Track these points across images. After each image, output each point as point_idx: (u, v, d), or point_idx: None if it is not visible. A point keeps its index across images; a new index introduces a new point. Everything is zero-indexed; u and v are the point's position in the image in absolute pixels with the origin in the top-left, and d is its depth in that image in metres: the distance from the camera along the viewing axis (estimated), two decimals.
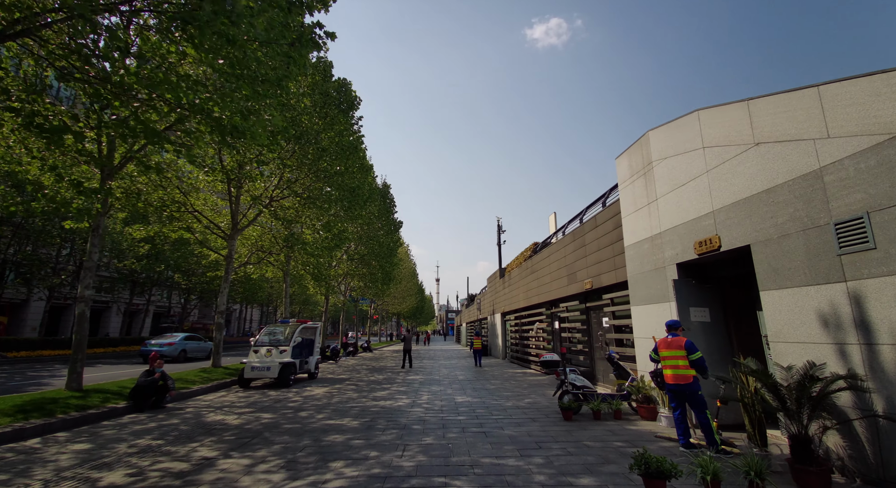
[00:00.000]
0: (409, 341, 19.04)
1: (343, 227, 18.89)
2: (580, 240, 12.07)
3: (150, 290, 32.69)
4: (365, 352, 31.42)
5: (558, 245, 13.97)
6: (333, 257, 25.41)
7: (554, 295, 14.20)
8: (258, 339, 12.96)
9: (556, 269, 14.04)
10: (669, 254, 7.33)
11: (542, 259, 15.86)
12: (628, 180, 8.80)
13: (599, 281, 10.69)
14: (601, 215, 10.78)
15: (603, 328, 11.17)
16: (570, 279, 12.78)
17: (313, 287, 24.85)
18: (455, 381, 13.56)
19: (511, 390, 11.31)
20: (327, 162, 15.19)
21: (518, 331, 19.90)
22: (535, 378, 14.25)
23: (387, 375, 15.44)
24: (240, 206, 15.96)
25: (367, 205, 22.43)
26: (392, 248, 29.17)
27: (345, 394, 10.70)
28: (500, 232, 27.03)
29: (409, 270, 47.22)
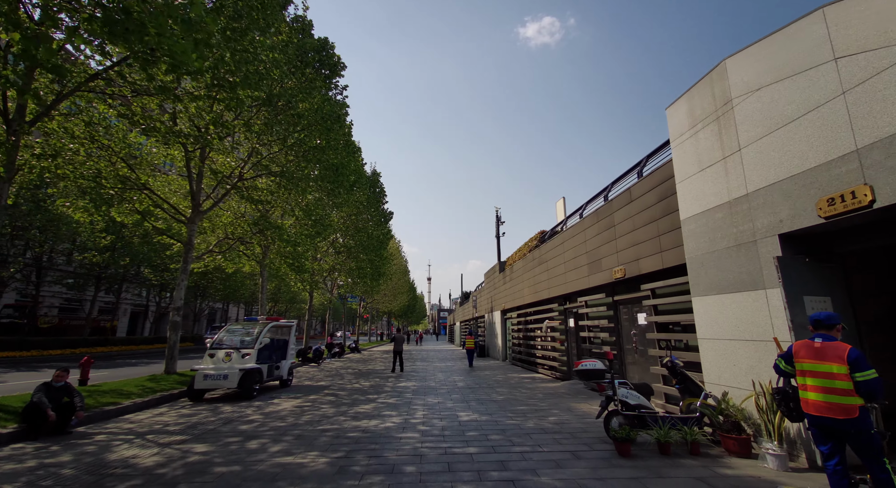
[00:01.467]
0: (399, 342, 16.82)
1: (326, 212, 16.55)
2: (606, 220, 9.94)
3: (121, 287, 29.95)
4: (353, 352, 29.09)
5: (575, 229, 11.84)
6: (317, 248, 23.07)
7: (570, 287, 12.07)
8: (216, 340, 10.59)
9: (573, 258, 11.91)
10: (766, 222, 5.20)
11: (552, 247, 13.72)
12: (688, 132, 6.67)
13: (636, 268, 8.56)
14: (638, 187, 8.65)
15: (638, 326, 9.04)
16: (591, 268, 10.65)
17: (295, 281, 22.45)
18: (454, 389, 11.35)
19: (525, 402, 9.14)
20: (304, 132, 12.87)
21: (522, 330, 17.76)
22: (546, 384, 12.10)
23: (374, 381, 13.18)
24: (202, 184, 13.57)
25: (353, 191, 20.16)
26: (382, 241, 26.87)
27: (318, 410, 8.42)
28: (498, 223, 24.89)
29: (400, 267, 44.89)
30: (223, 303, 47.56)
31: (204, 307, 48.99)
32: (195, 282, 31.98)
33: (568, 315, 12.94)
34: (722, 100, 6.01)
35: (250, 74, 9.36)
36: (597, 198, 11.26)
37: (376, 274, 27.25)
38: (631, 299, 9.25)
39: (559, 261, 13.05)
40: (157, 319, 40.43)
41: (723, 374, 5.78)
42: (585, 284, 11.02)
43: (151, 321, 39.44)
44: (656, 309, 8.21)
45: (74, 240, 23.51)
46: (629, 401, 5.69)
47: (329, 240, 23.69)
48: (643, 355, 8.86)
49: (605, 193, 10.65)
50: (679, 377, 5.90)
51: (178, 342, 12.27)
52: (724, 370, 5.75)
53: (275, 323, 11.68)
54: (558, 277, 13.04)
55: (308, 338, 23.60)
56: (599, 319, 10.61)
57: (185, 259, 12.68)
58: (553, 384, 12.15)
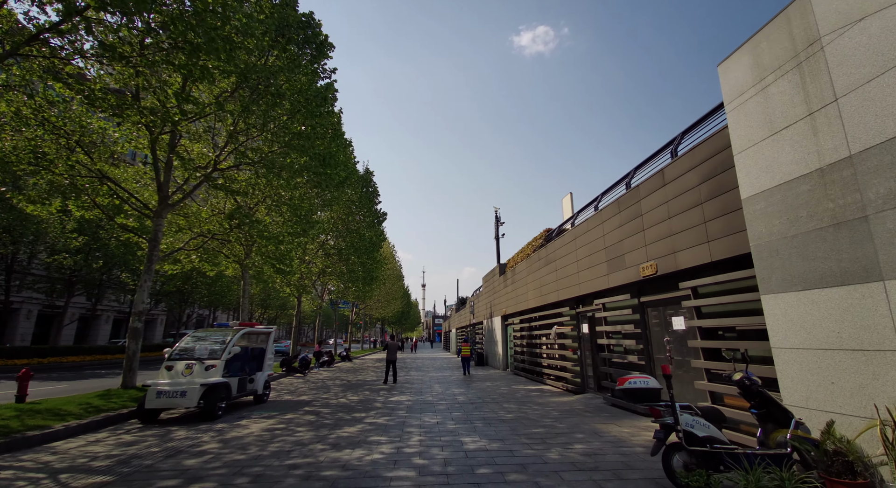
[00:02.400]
0: (393, 350, 15.30)
1: (312, 208, 15.08)
2: (631, 209, 8.58)
3: (98, 292, 28.11)
4: (344, 361, 27.42)
5: (590, 223, 10.47)
6: (305, 249, 21.56)
7: (584, 288, 10.67)
8: (175, 350, 9.02)
9: (587, 255, 10.53)
10: (884, 189, 3.85)
11: (561, 245, 12.35)
12: (752, 89, 5.33)
13: (671, 263, 7.19)
14: (673, 168, 7.30)
15: (673, 332, 7.65)
16: (611, 266, 9.27)
17: (281, 285, 20.87)
18: (455, 404, 9.85)
19: (539, 422, 7.67)
20: (286, 114, 11.45)
21: (526, 336, 16.31)
22: (558, 398, 10.64)
23: (363, 395, 11.63)
24: (172, 174, 12.08)
25: (344, 188, 18.71)
26: (374, 243, 25.39)
27: (292, 434, 6.89)
28: (498, 224, 23.53)
29: (393, 271, 43.33)
30: (210, 309, 45.61)
31: (191, 313, 47.03)
32: (177, 287, 30.20)
33: (581, 319, 11.53)
34: (805, 40, 4.68)
35: (216, 38, 7.94)
36: (616, 186, 9.92)
37: (368, 278, 25.74)
38: (664, 300, 7.86)
39: (570, 259, 11.66)
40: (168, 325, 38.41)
41: (814, 395, 4.38)
42: (604, 284, 9.63)
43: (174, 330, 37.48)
44: (700, 311, 6.82)
45: (44, 240, 21.76)
46: (696, 433, 4.26)
47: (318, 241, 22.18)
48: (681, 366, 7.45)
49: (627, 180, 9.31)
50: (756, 399, 4.49)
51: (138, 352, 10.69)
52: (817, 389, 4.35)
53: (248, 329, 10.15)
54: (569, 278, 11.65)
55: (296, 346, 21.97)
56: (622, 324, 9.20)
57: (149, 257, 11.14)
58: (566, 398, 10.69)
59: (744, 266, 5.80)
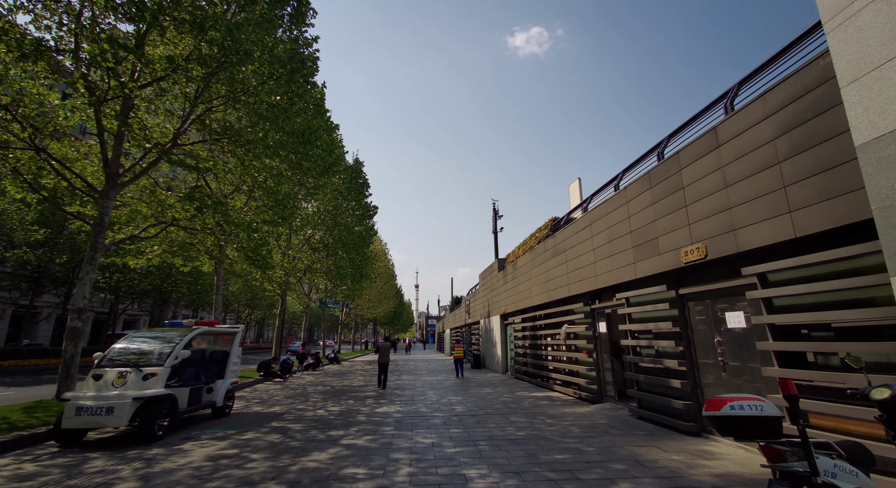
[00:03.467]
0: (385, 352, 13.69)
1: (292, 194, 13.38)
2: (667, 183, 7.04)
3: (67, 291, 26.06)
4: (332, 363, 25.70)
5: (611, 204, 8.93)
6: (290, 243, 19.83)
7: (602, 281, 9.13)
8: (107, 355, 7.28)
9: (606, 242, 8.99)
10: None
11: (573, 233, 10.80)
12: None
13: (729, 243, 5.66)
14: (732, 124, 5.77)
15: (725, 332, 6.11)
16: (640, 252, 7.73)
17: (261, 281, 19.10)
18: (453, 417, 8.24)
19: (561, 443, 6.09)
20: (255, 78, 9.78)
21: (529, 337, 14.74)
22: (573, 409, 9.07)
23: (346, 404, 9.98)
24: (122, 148, 10.34)
25: (329, 175, 17.03)
26: (364, 238, 23.70)
27: (242, 467, 5.23)
28: (496, 217, 21.97)
29: (385, 270, 41.61)
30: (193, 309, 43.51)
31: (176, 314, 44.87)
32: (155, 285, 28.22)
33: (598, 317, 9.98)
34: None
35: None
36: (643, 160, 8.38)
37: (358, 275, 24.03)
38: (714, 291, 6.32)
39: (584, 248, 10.12)
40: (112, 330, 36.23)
41: None
42: (628, 275, 8.08)
43: (110, 331, 35.33)
44: (771, 304, 5.28)
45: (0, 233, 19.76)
46: (842, 486, 2.70)
47: (303, 234, 20.45)
48: (739, 374, 5.91)
49: (659, 150, 7.77)
50: None
51: (77, 356, 8.93)
52: None
53: (206, 329, 8.44)
54: (583, 270, 10.10)
55: (279, 348, 20.20)
56: (653, 321, 7.65)
57: (92, 245, 9.41)
58: (582, 408, 9.12)
59: (843, 242, 4.27)
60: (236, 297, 40.96)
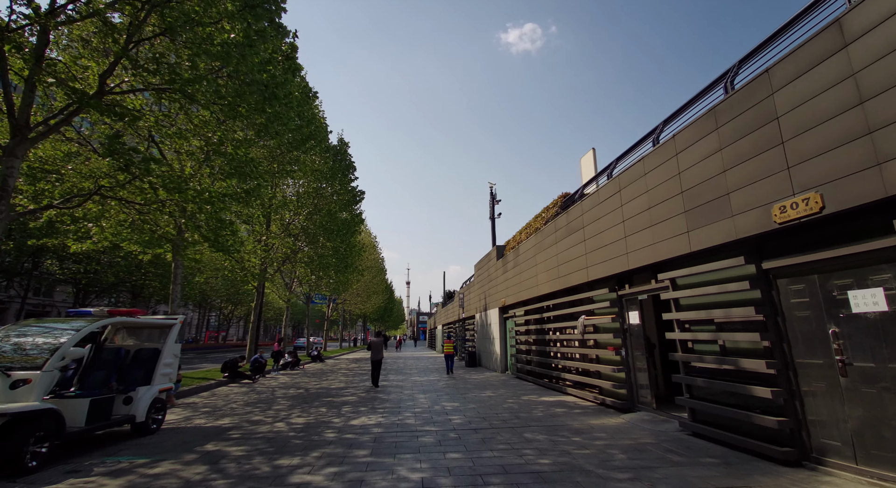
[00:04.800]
0: (378, 349, 12.49)
1: (256, 160, 11.20)
2: (753, 112, 5.09)
3: (28, 284, 23.52)
4: (315, 361, 23.55)
5: (651, 162, 6.98)
6: (266, 228, 17.66)
7: (637, 260, 7.21)
8: None
9: (643, 210, 7.06)
10: None
11: (594, 205, 8.87)
12: None
13: (872, 184, 3.74)
14: (860, 14, 3.85)
15: (849, 318, 4.20)
16: (696, 217, 5.81)
17: (232, 270, 16.89)
18: (449, 433, 6.24)
19: (610, 480, 4.16)
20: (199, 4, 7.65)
21: (535, 331, 12.79)
22: (599, 419, 7.14)
23: (315, 414, 7.93)
24: (34, 96, 8.12)
25: (307, 149, 14.88)
26: (349, 225, 21.57)
27: None
28: (493, 202, 19.99)
29: (374, 263, 39.42)
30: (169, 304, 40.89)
31: (155, 311, 42.12)
32: (120, 278, 25.72)
33: (627, 305, 8.05)
34: None
35: None
36: (700, 98, 6.42)
37: (343, 265, 21.89)
38: (827, 262, 4.40)
39: (609, 221, 8.18)
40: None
41: None
42: (677, 248, 6.16)
43: None
44: None
45: None
46: None
47: (280, 219, 18.24)
48: (875, 380, 4.00)
49: (727, 81, 5.83)
50: None
51: None
52: None
53: (120, 320, 6.31)
54: (608, 248, 8.17)
55: (255, 346, 18.00)
56: (721, 308, 5.71)
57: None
58: (611, 419, 7.18)
59: None
60: (216, 291, 38.45)
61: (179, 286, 13.70)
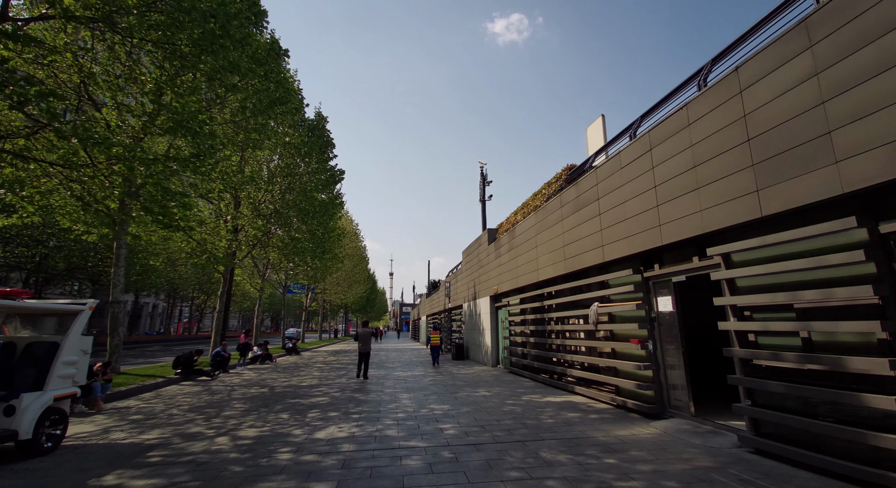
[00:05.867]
0: (366, 340, 11.72)
1: (206, 114, 9.30)
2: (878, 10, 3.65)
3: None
4: (290, 354, 21.77)
5: (699, 106, 5.51)
6: (232, 206, 15.75)
7: (674, 232, 5.79)
8: None
9: (688, 169, 5.62)
10: None
11: (613, 171, 7.40)
12: None
13: None
14: None
15: None
16: (774, 170, 4.39)
17: (188, 252, 14.92)
18: (443, 452, 4.72)
19: None
20: None
21: (532, 321, 11.37)
22: (626, 428, 5.73)
23: (273, 423, 6.30)
24: None
25: (276, 113, 13.00)
26: (327, 207, 19.72)
27: None
28: (484, 183, 18.44)
29: (356, 251, 37.50)
30: (134, 294, 38.13)
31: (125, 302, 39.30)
32: (73, 263, 23.21)
33: (656, 289, 6.63)
34: None
35: None
36: (775, 17, 4.95)
37: (320, 251, 20.05)
38: None
39: (633, 189, 6.73)
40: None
41: None
42: (738, 214, 4.74)
43: None
44: None
45: None
46: None
47: (248, 196, 16.27)
48: None
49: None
50: None
51: None
52: None
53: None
54: (632, 220, 6.73)
55: (220, 338, 16.12)
56: (804, 289, 4.30)
57: None
58: (642, 429, 5.78)
59: None
60: (185, 280, 35.96)
61: (123, 269, 11.82)
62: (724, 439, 5.04)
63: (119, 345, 11.58)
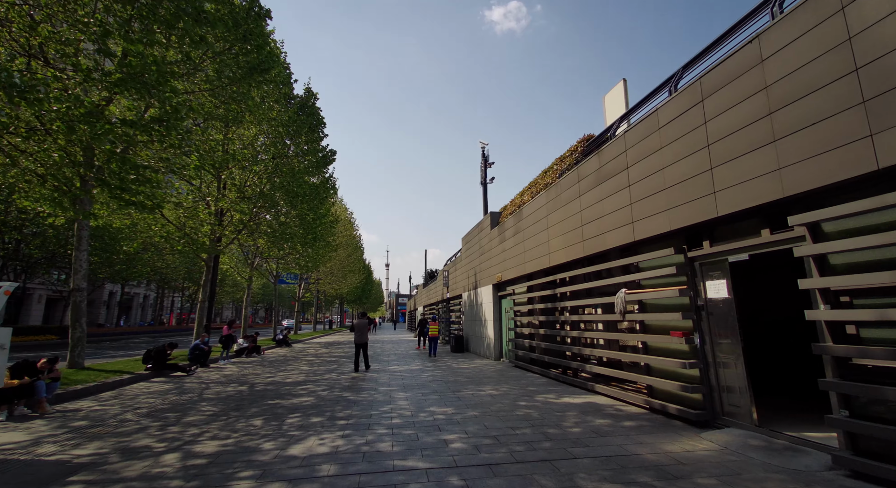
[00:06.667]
0: (363, 331, 11.34)
1: (166, 66, 7.95)
2: None
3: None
4: (280, 346, 20.64)
5: (786, 30, 4.32)
6: (216, 188, 14.47)
7: (733, 200, 4.64)
8: None
9: (756, 119, 4.44)
10: None
11: (649, 132, 6.22)
12: None
13: None
14: None
15: None
16: (890, 110, 3.20)
17: (166, 237, 13.64)
18: (451, 476, 3.57)
19: None
20: None
21: (541, 311, 10.24)
22: (675, 441, 4.62)
23: (239, 434, 5.13)
24: None
25: (257, 79, 11.68)
26: (317, 190, 18.42)
27: None
28: (485, 165, 17.19)
29: (351, 240, 36.20)
30: (120, 285, 36.67)
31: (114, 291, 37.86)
32: (49, 251, 21.80)
33: (705, 272, 5.48)
34: None
35: None
36: None
37: (311, 237, 18.80)
38: None
39: (677, 151, 5.55)
40: (50, 304, 29.37)
41: None
42: (834, 171, 3.59)
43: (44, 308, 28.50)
44: None
45: None
46: None
47: (232, 180, 14.94)
48: None
49: None
50: None
51: None
52: None
53: None
54: (674, 189, 5.56)
55: (203, 329, 14.91)
56: None
57: None
58: (697, 443, 4.67)
59: None
60: (174, 270, 34.58)
61: (85, 253, 10.56)
62: (811, 459, 3.93)
63: (82, 338, 10.37)
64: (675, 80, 6.16)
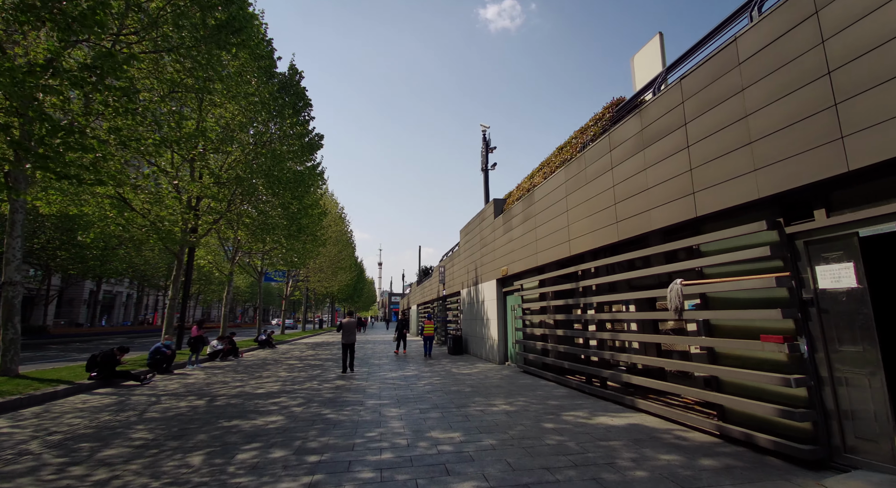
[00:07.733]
0: (351, 331, 10.74)
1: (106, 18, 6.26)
2: None
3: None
4: (263, 347, 18.93)
5: None
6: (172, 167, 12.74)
7: (872, 152, 3.12)
8: None
9: None
10: None
11: (719, 75, 4.71)
12: None
13: None
14: None
15: None
16: None
17: (127, 225, 11.88)
18: None
19: None
20: None
21: (557, 308, 8.71)
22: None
23: (157, 486, 3.55)
24: None
25: (224, 38, 10.01)
26: (303, 178, 16.74)
27: None
28: (487, 149, 15.63)
29: (342, 236, 34.43)
30: (97, 282, 34.49)
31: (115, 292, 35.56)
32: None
33: (815, 254, 3.97)
34: None
35: None
36: None
37: (295, 229, 17.10)
38: None
39: (764, 94, 4.06)
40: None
41: None
42: None
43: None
44: None
45: None
46: None
47: (205, 161, 13.17)
48: None
49: None
50: None
51: None
52: None
53: None
54: (761, 145, 4.07)
55: (170, 329, 13.17)
56: None
57: None
58: None
59: None
60: (152, 267, 32.54)
61: (20, 240, 8.82)
62: None
63: (16, 340, 8.66)
64: (733, 23, 4.65)
